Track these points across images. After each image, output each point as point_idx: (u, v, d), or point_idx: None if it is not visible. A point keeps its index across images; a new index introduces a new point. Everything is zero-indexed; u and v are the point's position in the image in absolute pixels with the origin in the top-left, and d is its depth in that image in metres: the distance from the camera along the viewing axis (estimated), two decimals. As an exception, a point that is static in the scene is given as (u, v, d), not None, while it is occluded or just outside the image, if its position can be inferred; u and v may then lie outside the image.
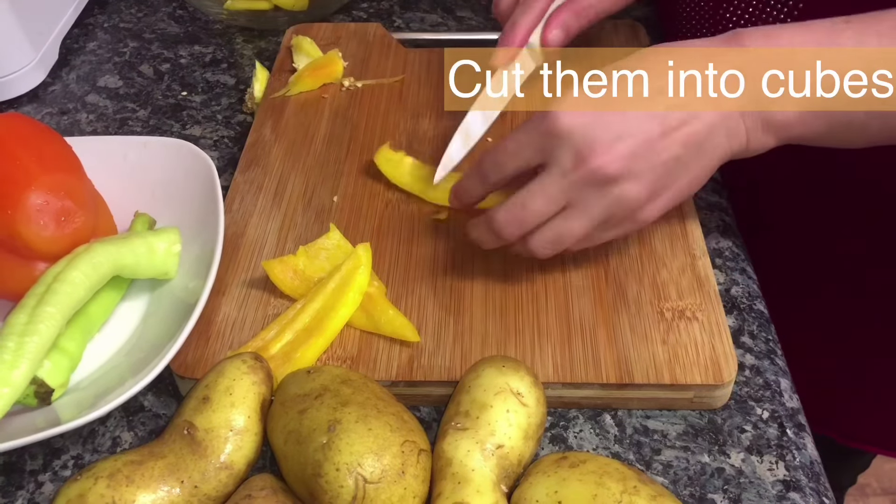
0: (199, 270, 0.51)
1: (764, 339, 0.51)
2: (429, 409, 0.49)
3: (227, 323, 0.51)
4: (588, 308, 0.50)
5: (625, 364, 0.47)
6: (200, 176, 0.56)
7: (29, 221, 0.49)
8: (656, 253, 0.53)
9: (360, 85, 0.69)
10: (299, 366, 0.47)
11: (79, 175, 0.53)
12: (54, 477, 0.46)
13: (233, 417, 0.43)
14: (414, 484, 0.40)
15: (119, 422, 0.49)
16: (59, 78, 0.76)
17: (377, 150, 0.60)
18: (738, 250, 0.57)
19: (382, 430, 0.40)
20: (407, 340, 0.49)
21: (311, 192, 0.60)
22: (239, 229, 0.57)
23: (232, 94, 0.73)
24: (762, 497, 0.44)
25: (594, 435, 0.47)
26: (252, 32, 0.81)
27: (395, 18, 0.81)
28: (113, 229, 0.56)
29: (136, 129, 0.70)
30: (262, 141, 0.64)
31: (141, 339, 0.51)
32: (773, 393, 0.49)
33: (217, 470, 0.42)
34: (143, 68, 0.77)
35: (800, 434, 0.47)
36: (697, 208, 0.58)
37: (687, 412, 0.48)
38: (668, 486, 0.44)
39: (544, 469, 0.41)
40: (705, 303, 0.50)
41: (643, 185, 0.45)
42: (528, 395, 0.43)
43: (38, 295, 0.47)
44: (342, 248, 0.54)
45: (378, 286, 0.51)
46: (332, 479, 0.39)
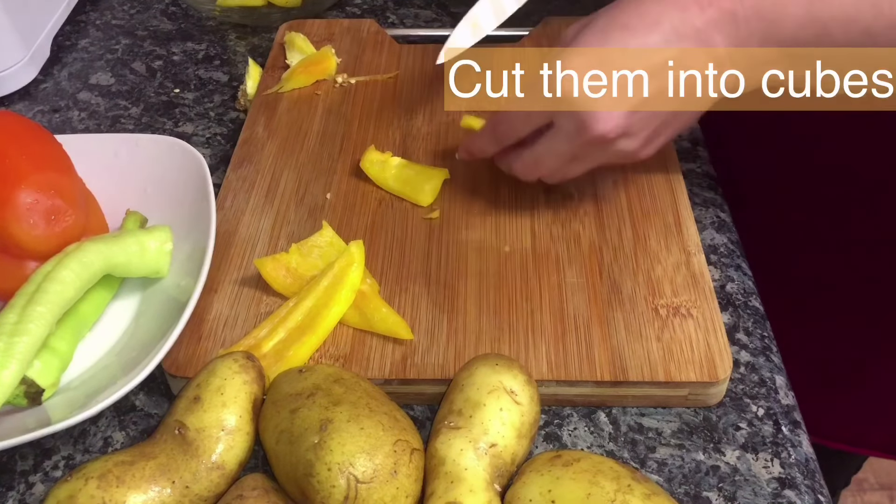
0: (190, 269, 0.51)
1: (759, 336, 0.51)
2: (422, 408, 0.48)
3: (219, 321, 0.50)
4: (582, 305, 0.50)
5: (619, 361, 0.47)
6: (192, 174, 0.56)
7: (19, 220, 0.49)
8: (651, 249, 0.53)
9: (354, 81, 0.69)
10: (291, 364, 0.47)
11: (69, 173, 0.53)
12: (45, 478, 0.46)
13: (224, 417, 0.43)
14: (406, 483, 0.40)
15: (110, 421, 0.48)
16: (51, 75, 0.76)
17: (365, 151, 0.59)
18: (734, 246, 0.57)
19: (374, 429, 0.40)
20: (400, 338, 0.49)
21: (304, 190, 0.59)
22: (231, 227, 0.57)
23: (225, 91, 0.73)
24: (757, 495, 0.44)
25: (588, 433, 0.47)
26: (245, 29, 0.80)
27: (389, 14, 0.81)
28: (104, 228, 0.56)
29: (129, 126, 0.70)
30: (254, 138, 0.64)
31: (132, 338, 0.51)
32: (769, 390, 0.48)
33: (208, 470, 0.42)
34: (136, 65, 0.77)
35: (795, 431, 0.47)
36: (693, 204, 0.58)
37: (682, 410, 0.47)
38: (662, 484, 0.44)
39: (538, 468, 0.41)
40: (700, 299, 0.50)
41: (640, 139, 0.49)
42: (522, 394, 0.43)
43: (28, 294, 0.46)
44: (335, 245, 0.53)
45: (371, 284, 0.51)
46: (324, 478, 0.38)
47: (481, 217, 0.56)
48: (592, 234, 0.54)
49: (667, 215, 0.55)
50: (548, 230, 0.55)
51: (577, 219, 0.56)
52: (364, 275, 0.51)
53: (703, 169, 0.62)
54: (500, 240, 0.54)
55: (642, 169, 0.59)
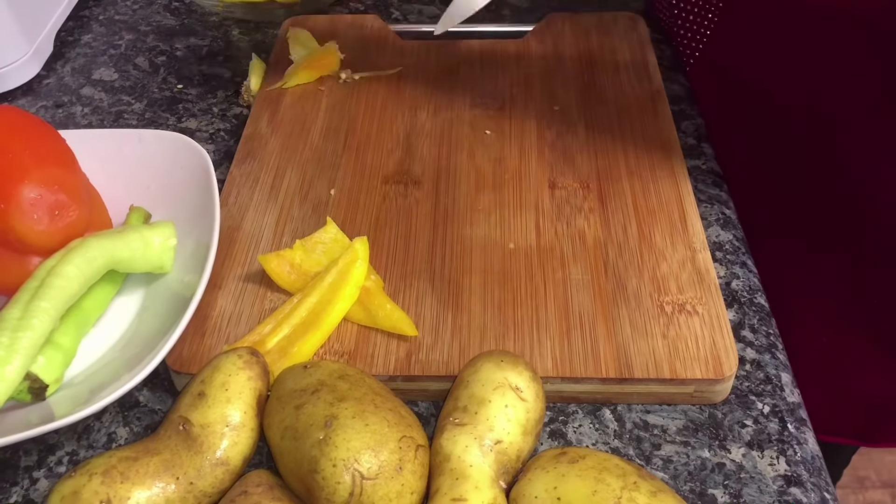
0: (194, 265, 0.51)
1: (765, 333, 0.51)
2: (427, 405, 0.48)
3: (223, 317, 0.50)
4: (587, 302, 0.50)
5: (624, 358, 0.47)
6: (196, 169, 0.56)
7: (23, 215, 0.48)
8: (656, 246, 0.53)
9: (358, 77, 0.69)
10: (296, 361, 0.47)
11: (73, 169, 0.53)
12: (49, 473, 0.46)
13: (229, 413, 0.42)
14: (411, 480, 0.39)
15: (114, 417, 0.48)
16: (54, 71, 0.75)
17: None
18: (739, 244, 0.56)
19: (379, 425, 0.40)
20: (405, 335, 0.48)
21: (308, 186, 0.59)
22: (235, 223, 0.56)
23: (228, 86, 0.73)
24: (763, 492, 0.43)
25: (593, 430, 0.46)
26: (248, 25, 0.80)
27: (393, 10, 0.81)
28: (108, 223, 0.56)
29: (132, 122, 0.69)
30: (258, 134, 0.63)
31: (136, 333, 0.51)
32: (774, 387, 0.48)
33: (213, 466, 0.42)
34: (139, 61, 0.76)
35: (801, 429, 0.46)
36: (698, 201, 0.57)
37: (687, 407, 0.47)
38: (668, 481, 0.44)
39: (543, 465, 0.40)
40: (705, 296, 0.50)
41: None
42: (527, 390, 0.43)
43: (31, 290, 0.46)
44: (339, 241, 0.53)
45: (375, 280, 0.51)
46: (329, 475, 0.38)
47: (485, 214, 0.56)
48: (597, 231, 0.54)
49: (672, 212, 0.55)
50: (552, 227, 0.55)
51: (582, 215, 0.55)
52: (368, 271, 0.51)
53: (708, 166, 0.62)
54: (504, 236, 0.54)
55: (647, 166, 0.59)
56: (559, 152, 0.60)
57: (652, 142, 0.61)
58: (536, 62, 0.69)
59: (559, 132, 0.62)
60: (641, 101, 0.64)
